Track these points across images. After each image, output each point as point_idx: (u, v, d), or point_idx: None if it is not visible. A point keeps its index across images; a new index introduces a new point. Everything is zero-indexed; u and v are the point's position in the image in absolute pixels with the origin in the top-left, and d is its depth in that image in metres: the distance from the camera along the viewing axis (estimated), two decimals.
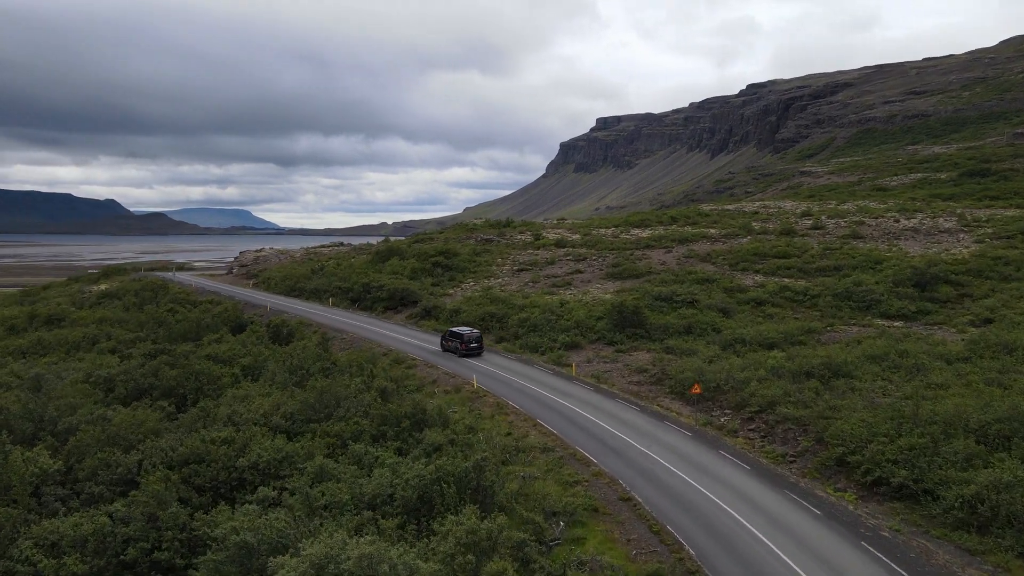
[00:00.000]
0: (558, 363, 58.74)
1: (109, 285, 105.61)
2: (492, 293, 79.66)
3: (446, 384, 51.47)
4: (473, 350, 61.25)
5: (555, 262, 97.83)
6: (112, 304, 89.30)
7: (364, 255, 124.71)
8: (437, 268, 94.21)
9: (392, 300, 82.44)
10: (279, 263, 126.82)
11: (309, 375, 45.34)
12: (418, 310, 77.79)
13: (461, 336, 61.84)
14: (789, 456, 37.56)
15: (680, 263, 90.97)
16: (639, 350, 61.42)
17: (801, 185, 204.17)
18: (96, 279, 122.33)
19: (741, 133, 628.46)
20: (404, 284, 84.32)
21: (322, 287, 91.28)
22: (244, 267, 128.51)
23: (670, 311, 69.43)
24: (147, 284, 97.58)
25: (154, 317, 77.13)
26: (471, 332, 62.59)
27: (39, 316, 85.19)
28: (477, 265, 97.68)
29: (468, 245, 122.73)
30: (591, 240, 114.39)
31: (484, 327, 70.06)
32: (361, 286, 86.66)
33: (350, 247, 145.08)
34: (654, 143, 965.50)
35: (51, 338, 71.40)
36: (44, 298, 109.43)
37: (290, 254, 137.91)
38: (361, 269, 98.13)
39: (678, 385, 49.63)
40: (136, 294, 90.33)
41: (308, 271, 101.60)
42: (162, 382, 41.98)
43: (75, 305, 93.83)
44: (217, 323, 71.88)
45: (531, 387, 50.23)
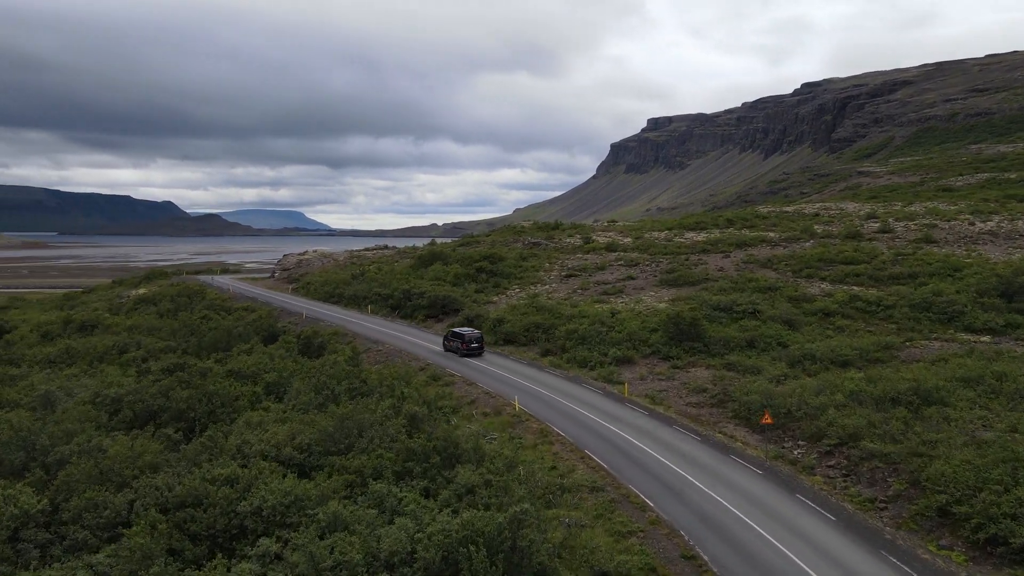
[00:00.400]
0: (609, 379, 53.94)
1: (148, 290, 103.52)
2: (538, 301, 75.10)
3: (485, 405, 46.98)
4: (474, 350, 62.45)
5: (606, 268, 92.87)
6: (147, 310, 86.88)
7: (407, 259, 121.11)
8: (481, 274, 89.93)
9: (433, 308, 78.34)
10: (321, 267, 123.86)
11: (335, 396, 41.25)
12: (460, 319, 73.51)
13: (462, 336, 63.21)
14: (879, 502, 32.25)
15: (739, 269, 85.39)
16: (697, 366, 56.32)
17: (860, 186, 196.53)
18: (137, 283, 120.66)
19: (795, 133, 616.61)
20: (446, 291, 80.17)
21: (361, 293, 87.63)
22: (286, 271, 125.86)
23: (730, 322, 64.13)
24: (183, 289, 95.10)
25: (187, 325, 74.19)
26: (472, 332, 63.99)
27: (73, 322, 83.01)
28: (523, 270, 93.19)
29: (515, 249, 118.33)
30: (644, 244, 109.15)
31: (529, 339, 65.53)
32: (401, 293, 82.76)
33: (394, 250, 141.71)
34: (706, 143, 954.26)
35: (80, 346, 68.77)
36: (84, 302, 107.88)
37: (333, 257, 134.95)
38: (402, 274, 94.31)
39: (742, 409, 44.51)
40: (172, 300, 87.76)
41: (348, 276, 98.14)
42: (173, 404, 38.27)
43: (112, 310, 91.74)
44: (249, 332, 68.53)
45: (578, 409, 45.46)
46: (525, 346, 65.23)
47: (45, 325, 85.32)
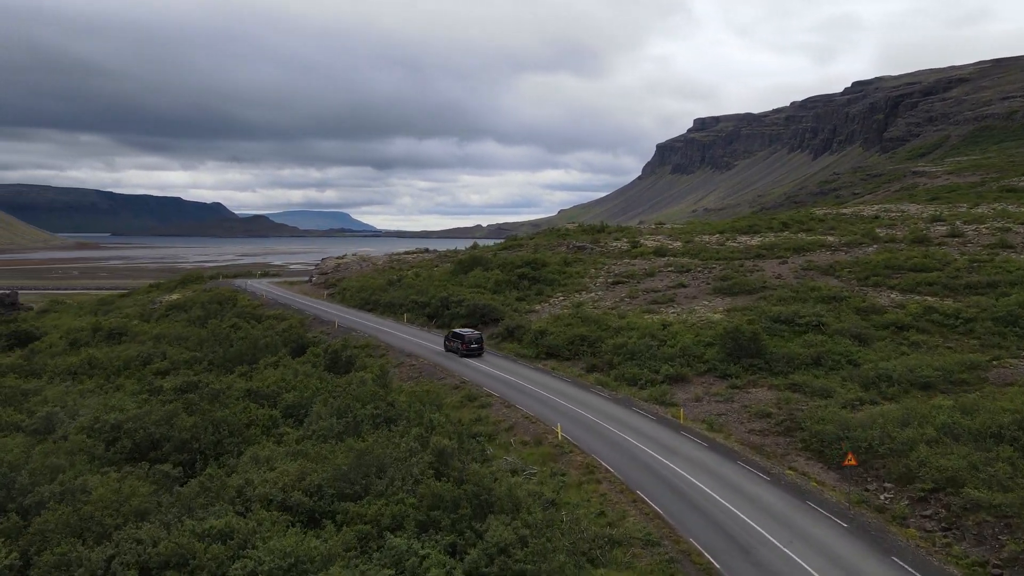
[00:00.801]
0: (661, 401, 49.08)
1: (181, 295, 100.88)
2: (583, 311, 70.37)
3: (525, 431, 42.39)
4: (473, 351, 63.76)
5: (655, 274, 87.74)
6: (178, 317, 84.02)
7: (448, 263, 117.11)
8: (523, 280, 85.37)
9: (472, 317, 73.94)
10: (359, 271, 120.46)
11: (357, 424, 37.07)
12: (500, 330, 69.08)
13: (462, 337, 64.59)
14: (991, 566, 27.05)
15: (798, 276, 79.75)
16: (758, 386, 51.18)
17: (916, 186, 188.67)
18: (172, 287, 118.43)
19: (846, 132, 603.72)
20: (486, 299, 75.74)
21: (398, 301, 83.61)
22: (324, 275, 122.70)
23: (792, 337, 58.75)
24: (215, 296, 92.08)
25: (215, 334, 70.93)
26: (472, 333, 65.58)
27: (102, 330, 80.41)
28: (567, 276, 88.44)
29: (559, 253, 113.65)
30: (694, 248, 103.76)
31: (574, 352, 60.84)
32: (439, 300, 78.56)
33: (435, 254, 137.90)
34: (754, 144, 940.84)
35: (103, 356, 65.82)
36: (118, 307, 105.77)
37: (372, 261, 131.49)
38: (441, 280, 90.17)
39: (814, 440, 39.40)
40: (203, 307, 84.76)
41: (384, 282, 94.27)
42: (176, 433, 34.44)
43: (143, 316, 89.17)
44: (276, 344, 64.93)
45: (628, 438, 40.59)
46: (569, 360, 60.56)
47: (74, 332, 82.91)
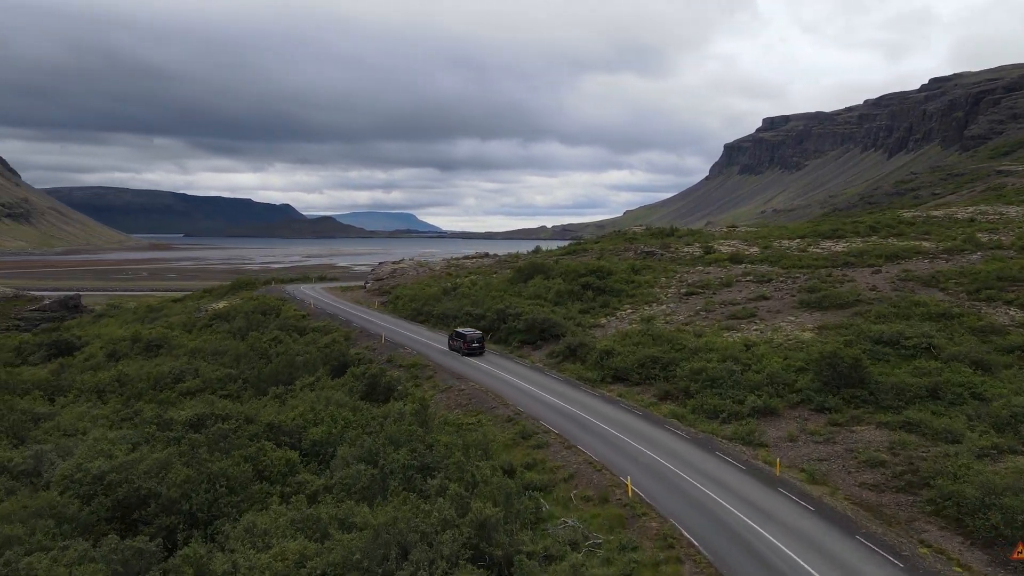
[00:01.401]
0: (748, 440, 41.73)
1: (228, 303, 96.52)
2: (654, 327, 63.09)
3: (587, 483, 35.40)
4: (475, 349, 65.52)
5: (732, 284, 79.86)
6: (220, 327, 79.38)
7: (507, 269, 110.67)
8: (587, 291, 78.30)
9: (530, 332, 67.21)
10: (415, 278, 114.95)
11: (386, 475, 30.76)
12: (561, 347, 62.17)
13: (464, 336, 66.41)
14: None
15: (895, 288, 71.12)
16: (864, 423, 43.41)
17: (1004, 186, 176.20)
18: (223, 293, 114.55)
19: (923, 131, 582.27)
20: (546, 313, 68.86)
21: (451, 312, 77.33)
22: (379, 281, 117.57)
23: (899, 362, 50.67)
24: (259, 305, 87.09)
25: (254, 348, 65.83)
26: (473, 333, 67.11)
27: (141, 340, 76.23)
28: (636, 286, 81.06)
29: (626, 259, 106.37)
30: (774, 255, 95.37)
31: (644, 376, 53.65)
32: (495, 313, 72.04)
33: (494, 259, 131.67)
34: (825, 143, 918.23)
35: (134, 373, 61.16)
36: (166, 314, 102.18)
37: (429, 267, 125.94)
38: (499, 289, 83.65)
39: (947, 503, 31.73)
40: (246, 317, 79.94)
41: (439, 291, 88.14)
42: (165, 490, 28.63)
43: (186, 326, 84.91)
44: (316, 361, 59.31)
45: (715, 496, 33.21)
46: (638, 386, 53.40)
47: (114, 343, 79.06)
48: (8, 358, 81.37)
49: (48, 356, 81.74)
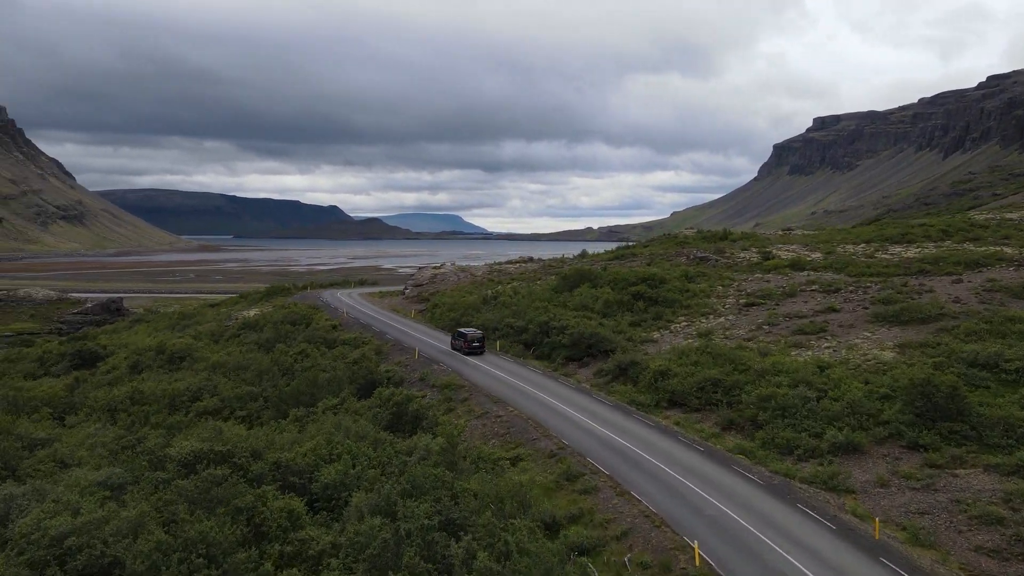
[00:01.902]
0: (830, 485, 35.69)
1: (260, 310, 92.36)
2: (713, 344, 56.92)
3: (643, 543, 29.40)
4: (475, 348, 66.37)
5: (795, 293, 73.29)
6: (248, 338, 75.10)
7: (552, 275, 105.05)
8: (638, 301, 72.32)
9: (576, 348, 61.42)
10: (456, 283, 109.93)
11: (400, 539, 25.44)
12: (610, 365, 56.28)
13: (465, 336, 67.75)
14: None
15: (982, 300, 64.06)
16: (968, 465, 37.05)
17: None
18: (257, 299, 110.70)
19: (980, 129, 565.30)
20: (593, 327, 62.86)
21: (491, 323, 71.84)
22: (418, 287, 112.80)
23: (1003, 390, 44.06)
24: (289, 314, 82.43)
25: (278, 363, 61.22)
26: (473, 332, 68.47)
27: (165, 352, 72.28)
28: (690, 296, 74.84)
29: (678, 265, 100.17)
30: (838, 261, 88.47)
31: (704, 401, 47.71)
32: (538, 326, 66.42)
33: (539, 264, 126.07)
34: (877, 143, 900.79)
35: (150, 389, 56.90)
36: (198, 321, 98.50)
37: (471, 272, 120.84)
38: (542, 299, 77.96)
39: None
40: (274, 327, 75.49)
41: (479, 300, 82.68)
42: (131, 562, 23.52)
43: (214, 335, 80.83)
44: (341, 380, 54.33)
45: (802, 567, 27.45)
46: (698, 412, 47.44)
47: (139, 354, 75.30)
48: (31, 369, 78.15)
49: (71, 366, 78.35)
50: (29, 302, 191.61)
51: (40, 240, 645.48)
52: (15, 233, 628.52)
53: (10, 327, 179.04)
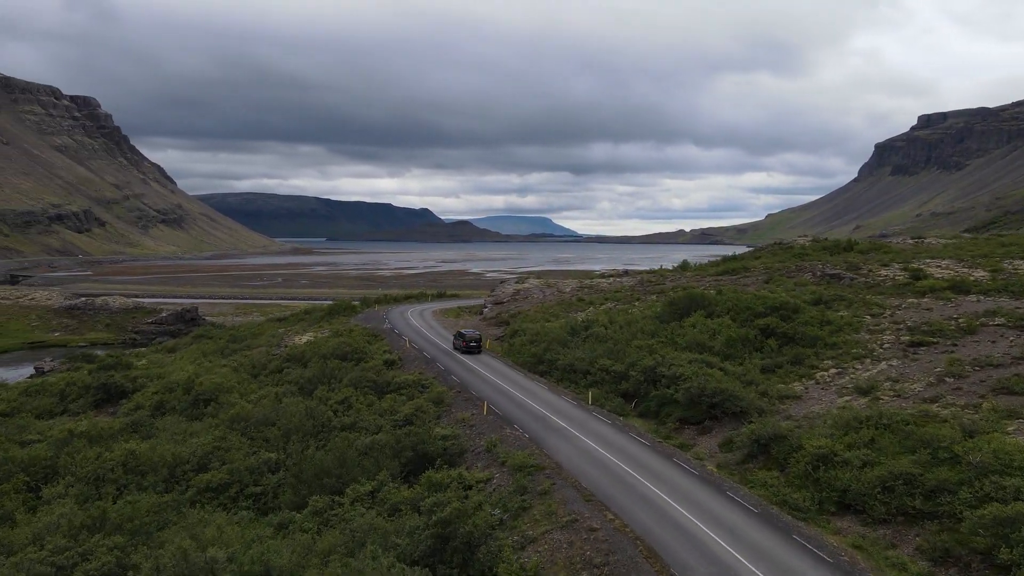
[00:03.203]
0: None
1: (316, 334, 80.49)
2: (881, 408, 41.40)
3: None
4: (472, 348, 70.81)
5: (975, 329, 56.60)
6: (290, 373, 62.99)
7: (652, 294, 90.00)
8: (769, 338, 56.94)
9: (695, 407, 46.46)
10: (541, 302, 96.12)
11: None
12: (743, 437, 41.15)
13: (464, 336, 72.42)
14: None
15: None
16: None
17: None
18: (319, 318, 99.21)
19: None
20: (716, 378, 47.45)
21: (582, 365, 57.30)
22: (498, 305, 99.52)
23: None
24: (343, 344, 69.67)
25: (312, 416, 48.57)
26: (471, 333, 73.58)
27: (193, 390, 60.79)
28: (834, 330, 58.78)
29: (803, 283, 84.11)
30: (1014, 282, 71.11)
31: (896, 507, 32.43)
32: (643, 371, 51.86)
33: (636, 278, 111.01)
34: (989, 141, 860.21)
35: (146, 454, 44.75)
36: (249, 345, 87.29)
37: (558, 288, 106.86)
38: (645, 331, 63.26)
39: None
40: (322, 361, 63.09)
41: (566, 330, 68.24)
42: None
43: (256, 368, 69.12)
44: (383, 451, 41.01)
45: None
46: (884, 525, 32.14)
47: (168, 388, 64.15)
48: (48, 405, 67.96)
49: (94, 403, 67.92)
50: (106, 311, 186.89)
51: (140, 243, 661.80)
52: (117, 236, 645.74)
53: (85, 337, 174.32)
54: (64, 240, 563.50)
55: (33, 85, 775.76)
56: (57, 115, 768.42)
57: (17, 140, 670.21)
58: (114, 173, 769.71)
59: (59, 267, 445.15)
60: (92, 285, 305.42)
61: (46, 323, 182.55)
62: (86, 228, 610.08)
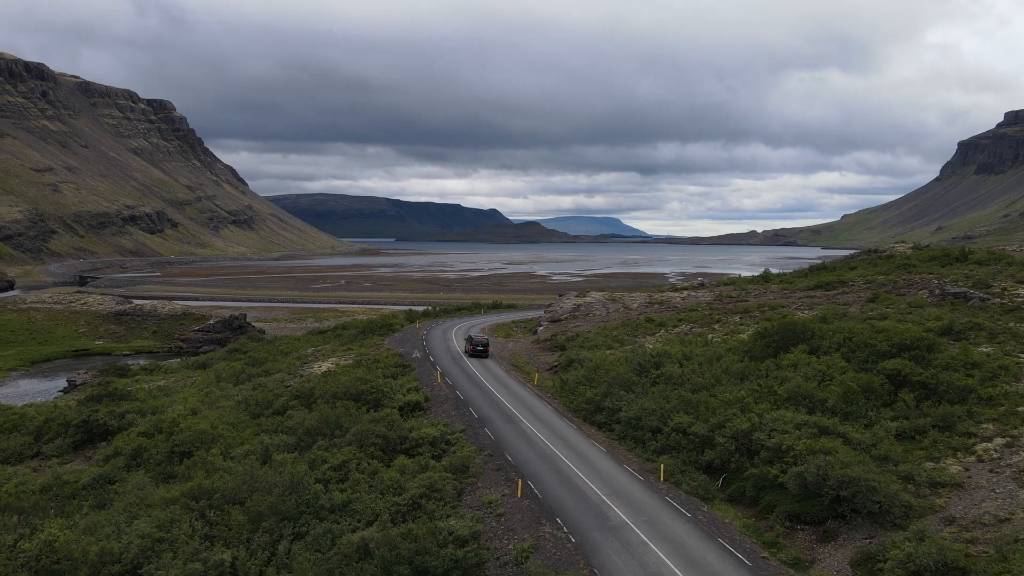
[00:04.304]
0: None
1: (338, 362, 68.69)
2: None
3: None
4: (479, 352, 72.98)
5: None
6: (293, 417, 51.25)
7: (735, 314, 76.16)
8: (901, 387, 43.12)
9: (810, 500, 33.13)
10: (603, 320, 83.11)
11: None
12: (892, 564, 27.82)
13: (472, 339, 75.15)
14: None
15: None
16: None
17: None
18: (351, 337, 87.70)
19: None
20: (840, 456, 33.74)
21: (651, 420, 43.92)
22: (555, 323, 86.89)
23: None
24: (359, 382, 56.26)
25: (296, 489, 36.81)
26: (480, 336, 76.22)
27: (172, 439, 49.74)
28: (984, 375, 44.43)
29: (920, 304, 69.55)
30: None
31: None
32: (733, 437, 38.75)
33: (713, 292, 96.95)
34: None
35: (66, 547, 33.77)
36: (267, 370, 76.32)
37: (623, 302, 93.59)
38: (730, 372, 49.79)
39: None
40: (331, 403, 51.00)
41: (632, 366, 54.94)
42: None
43: (258, 408, 57.55)
44: (373, 561, 28.88)
45: None
46: None
47: (156, 429, 53.43)
48: (19, 446, 57.80)
49: (73, 444, 57.65)
50: (154, 317, 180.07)
51: (211, 244, 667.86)
52: (188, 237, 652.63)
53: (130, 345, 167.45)
54: (137, 241, 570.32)
55: (111, 89, 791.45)
56: (134, 118, 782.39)
57: (95, 143, 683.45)
58: (188, 175, 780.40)
59: (130, 268, 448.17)
60: (155, 287, 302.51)
61: (94, 330, 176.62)
62: (159, 229, 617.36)
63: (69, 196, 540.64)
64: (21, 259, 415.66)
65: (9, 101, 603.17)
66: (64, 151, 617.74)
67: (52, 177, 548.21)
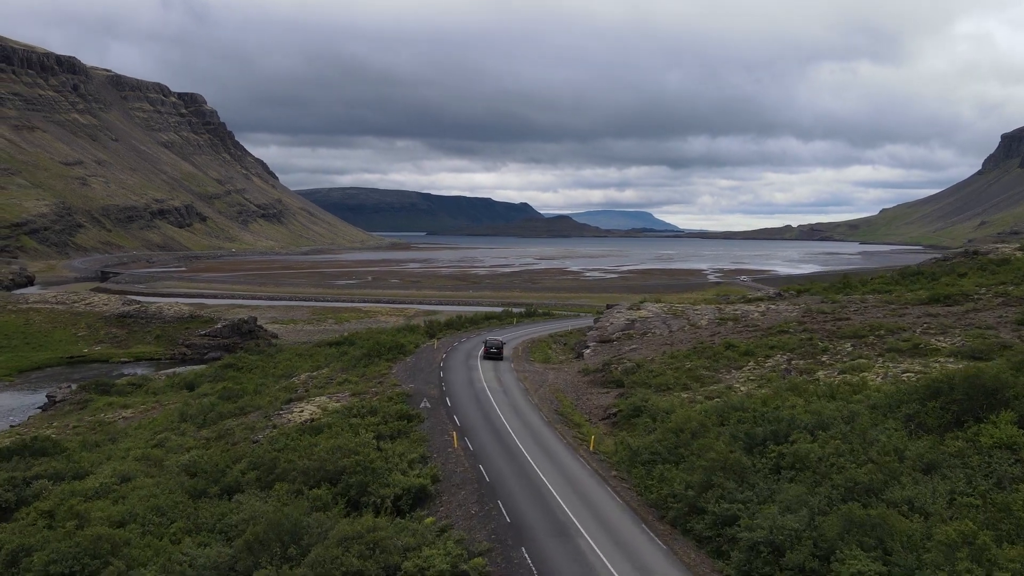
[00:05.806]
0: None
1: (323, 407, 51.59)
2: None
3: None
4: (493, 355, 71.57)
5: None
6: (242, 508, 34.94)
7: (845, 340, 58.58)
8: None
9: None
10: (666, 340, 66.09)
11: None
12: None
13: (486, 342, 74.68)
14: None
15: None
16: None
17: None
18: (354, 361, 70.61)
19: None
20: None
21: (800, 558, 25.72)
22: (604, 344, 69.91)
23: None
24: (334, 449, 38.84)
25: None
26: (495, 340, 74.53)
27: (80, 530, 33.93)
28: None
29: None
30: None
31: None
32: None
33: (797, 306, 79.04)
34: None
35: None
36: (245, 406, 60.42)
37: (687, 316, 76.29)
38: (907, 463, 32.45)
39: None
40: (295, 491, 34.40)
41: (739, 438, 36.75)
42: None
43: (208, 481, 41.38)
44: None
45: None
46: None
47: (53, 513, 37.76)
48: None
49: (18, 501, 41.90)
50: (159, 320, 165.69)
51: (239, 238, 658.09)
52: (217, 231, 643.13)
53: (130, 351, 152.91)
54: (165, 235, 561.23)
55: (142, 83, 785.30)
56: (164, 112, 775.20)
57: (125, 137, 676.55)
58: (218, 169, 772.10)
59: (156, 262, 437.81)
60: (175, 284, 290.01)
61: (94, 333, 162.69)
62: (187, 223, 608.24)
63: (97, 189, 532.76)
64: (46, 253, 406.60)
65: (40, 95, 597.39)
66: (94, 144, 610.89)
67: (81, 171, 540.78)
